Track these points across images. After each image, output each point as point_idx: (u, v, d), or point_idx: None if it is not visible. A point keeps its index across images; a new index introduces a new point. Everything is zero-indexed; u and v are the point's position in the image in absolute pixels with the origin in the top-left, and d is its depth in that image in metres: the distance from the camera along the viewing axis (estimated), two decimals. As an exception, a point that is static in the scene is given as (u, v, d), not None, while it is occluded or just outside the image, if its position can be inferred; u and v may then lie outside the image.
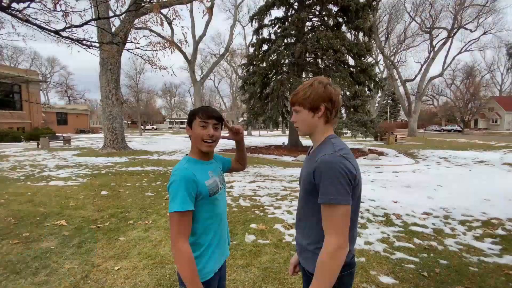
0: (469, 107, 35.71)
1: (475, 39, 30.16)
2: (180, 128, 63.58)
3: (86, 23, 3.25)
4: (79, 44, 3.61)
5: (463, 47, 31.00)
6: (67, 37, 3.35)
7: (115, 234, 3.15)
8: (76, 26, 3.22)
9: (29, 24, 3.03)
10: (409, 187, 5.60)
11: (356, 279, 2.27)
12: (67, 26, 3.21)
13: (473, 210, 4.05)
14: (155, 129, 58.75)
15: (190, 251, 1.03)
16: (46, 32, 3.10)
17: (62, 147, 14.78)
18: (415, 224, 3.52)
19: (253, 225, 3.42)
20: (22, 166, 8.24)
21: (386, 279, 2.27)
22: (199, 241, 1.11)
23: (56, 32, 3.08)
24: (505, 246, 2.89)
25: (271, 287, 2.15)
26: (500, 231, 3.28)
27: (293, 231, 3.26)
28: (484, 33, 28.98)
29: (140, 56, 5.74)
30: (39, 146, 14.71)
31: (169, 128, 64.59)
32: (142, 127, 39.69)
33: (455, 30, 26.88)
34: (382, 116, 49.53)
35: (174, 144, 18.17)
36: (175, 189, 1.03)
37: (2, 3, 2.96)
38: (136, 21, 10.07)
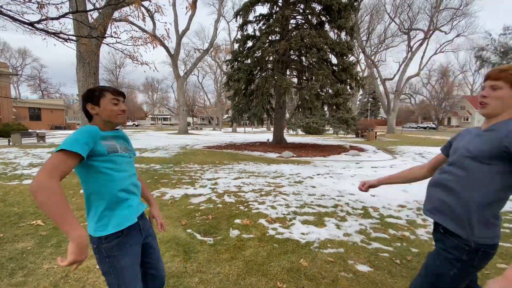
0: (443, 105, 37.72)
1: (449, 41, 31.71)
2: (163, 124, 62.11)
3: (63, 15, 3.11)
4: (55, 37, 3.45)
5: (438, 48, 32.63)
6: (42, 30, 3.20)
7: (96, 232, 3.09)
8: (52, 19, 3.08)
9: (0, 15, 2.86)
10: (387, 182, 5.88)
11: (335, 268, 2.39)
12: (42, 18, 3.07)
13: (443, 202, 4.34)
14: (137, 126, 56.98)
15: (57, 186, 0.93)
16: (19, 24, 2.95)
17: (36, 144, 14.03)
18: (390, 216, 3.73)
19: (237, 221, 3.48)
20: (-8, 164, 7.76)
21: (362, 268, 2.41)
22: (105, 196, 1.15)
23: (31, 24, 2.93)
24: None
25: (255, 279, 2.22)
26: (465, 221, 3.55)
27: (276, 225, 3.34)
28: (458, 35, 30.54)
29: (121, 51, 5.57)
30: (10, 143, 13.88)
31: (151, 124, 62.93)
32: (122, 123, 38.35)
33: (431, 32, 28.19)
34: (363, 114, 51.08)
35: (156, 141, 17.78)
36: (73, 135, 1.05)
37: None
38: (116, 14, 9.69)
